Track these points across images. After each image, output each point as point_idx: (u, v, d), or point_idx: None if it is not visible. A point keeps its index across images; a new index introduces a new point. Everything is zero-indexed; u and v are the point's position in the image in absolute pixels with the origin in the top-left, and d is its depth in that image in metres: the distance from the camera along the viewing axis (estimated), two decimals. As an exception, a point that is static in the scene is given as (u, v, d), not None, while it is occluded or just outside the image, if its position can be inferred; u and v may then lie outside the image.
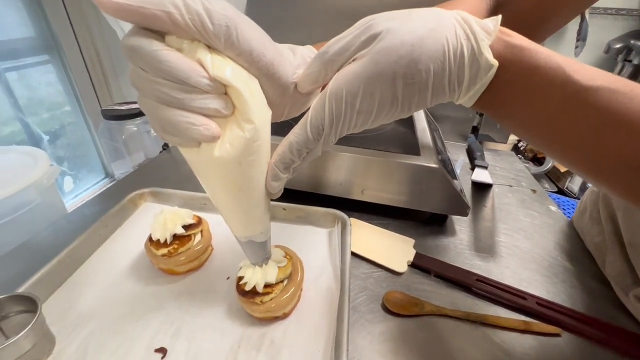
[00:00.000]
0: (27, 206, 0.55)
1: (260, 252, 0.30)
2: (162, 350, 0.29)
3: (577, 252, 0.46)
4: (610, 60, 1.71)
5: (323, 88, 0.23)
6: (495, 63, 0.21)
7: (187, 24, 0.18)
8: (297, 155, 0.23)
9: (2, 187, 0.51)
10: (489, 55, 0.21)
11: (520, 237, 0.48)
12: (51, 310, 0.32)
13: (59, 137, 0.90)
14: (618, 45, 1.62)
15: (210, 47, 0.20)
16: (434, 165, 0.44)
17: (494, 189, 0.60)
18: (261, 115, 0.22)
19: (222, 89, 0.20)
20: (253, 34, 0.20)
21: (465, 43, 0.21)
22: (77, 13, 0.74)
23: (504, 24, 0.22)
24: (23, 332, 0.26)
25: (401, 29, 0.21)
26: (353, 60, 0.22)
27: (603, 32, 1.69)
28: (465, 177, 0.63)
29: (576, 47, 0.64)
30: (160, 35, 0.19)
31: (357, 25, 0.22)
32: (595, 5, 1.68)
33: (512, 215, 0.53)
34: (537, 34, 0.40)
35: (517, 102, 0.22)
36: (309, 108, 0.24)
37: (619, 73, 1.65)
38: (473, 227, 0.50)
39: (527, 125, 0.23)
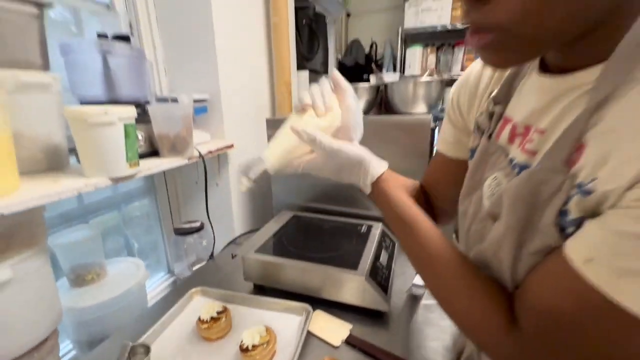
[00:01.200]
0: (130, 298, 0.90)
1: (253, 171, 0.51)
2: (200, 378, 0.59)
3: (462, 337, 0.69)
4: None
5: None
6: (369, 189, 0.52)
7: (309, 141, 0.50)
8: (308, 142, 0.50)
9: (119, 286, 0.88)
10: (368, 185, 0.52)
11: (430, 328, 0.72)
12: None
13: (136, 240, 1.31)
14: None
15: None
16: (361, 277, 0.73)
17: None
18: (332, 122, 0.53)
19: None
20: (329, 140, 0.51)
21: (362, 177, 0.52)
22: (169, 173, 1.21)
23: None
24: (143, 360, 0.57)
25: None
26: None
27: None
28: (409, 282, 0.89)
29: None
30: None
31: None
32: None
33: (432, 311, 0.78)
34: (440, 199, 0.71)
35: (379, 204, 0.53)
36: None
37: None
38: (399, 320, 0.75)
39: (385, 218, 0.53)
